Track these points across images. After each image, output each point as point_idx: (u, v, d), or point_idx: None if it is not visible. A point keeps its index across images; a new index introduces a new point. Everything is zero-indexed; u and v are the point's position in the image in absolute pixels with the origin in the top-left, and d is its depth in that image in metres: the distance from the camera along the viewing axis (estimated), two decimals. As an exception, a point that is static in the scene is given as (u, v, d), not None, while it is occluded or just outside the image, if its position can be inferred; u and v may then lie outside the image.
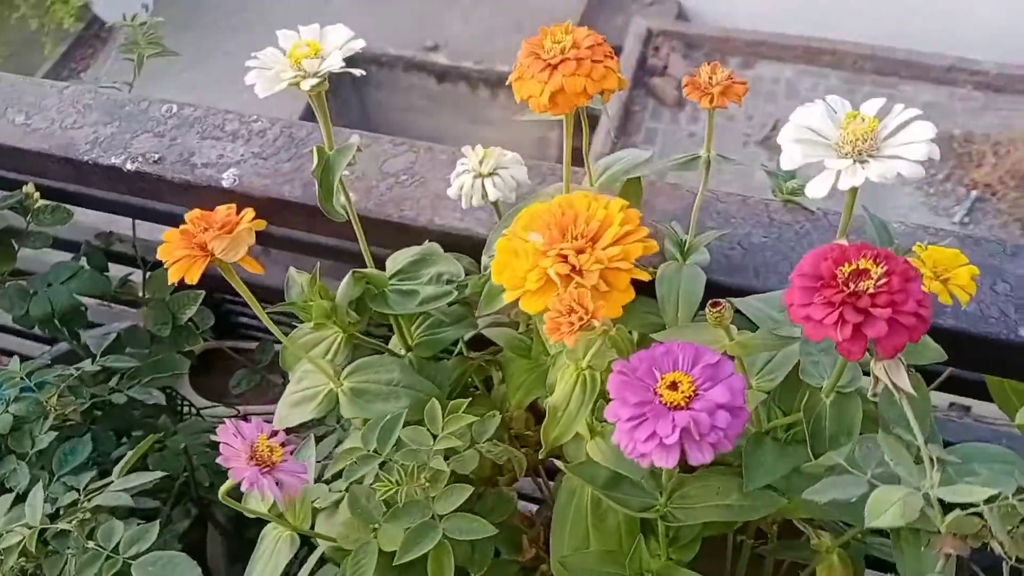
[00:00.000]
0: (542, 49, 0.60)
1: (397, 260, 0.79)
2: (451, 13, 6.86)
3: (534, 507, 0.99)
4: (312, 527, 0.75)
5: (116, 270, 1.31)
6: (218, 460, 0.59)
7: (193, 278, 0.63)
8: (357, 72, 0.63)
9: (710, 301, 0.59)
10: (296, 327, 0.85)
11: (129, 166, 1.00)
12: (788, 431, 0.67)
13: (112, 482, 0.81)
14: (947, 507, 0.51)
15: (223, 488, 0.63)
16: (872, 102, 0.58)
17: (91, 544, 0.71)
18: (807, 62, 6.67)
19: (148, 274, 1.25)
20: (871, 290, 0.49)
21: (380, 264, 0.84)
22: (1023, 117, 5.52)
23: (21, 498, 0.83)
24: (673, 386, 0.53)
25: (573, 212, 0.58)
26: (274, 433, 0.64)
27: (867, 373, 0.63)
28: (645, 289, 0.78)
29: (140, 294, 1.27)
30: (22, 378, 0.90)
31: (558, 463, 0.67)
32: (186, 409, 1.26)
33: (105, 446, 0.94)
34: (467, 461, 0.67)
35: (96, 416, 0.97)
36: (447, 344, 0.83)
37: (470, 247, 0.87)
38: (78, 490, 0.83)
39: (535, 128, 7.25)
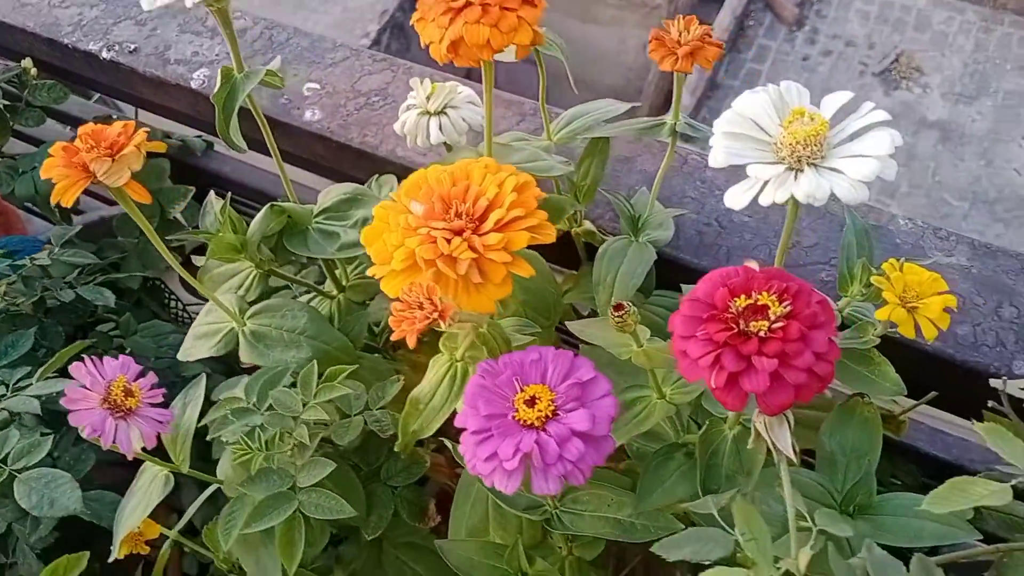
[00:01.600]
0: (448, -17, 0.50)
1: (329, 195, 0.72)
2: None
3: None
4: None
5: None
6: (62, 401, 0.55)
7: (68, 201, 0.58)
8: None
9: (613, 304, 0.51)
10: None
11: (105, 55, 0.95)
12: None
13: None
14: None
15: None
16: (837, 95, 0.47)
17: (-17, 452, 0.70)
18: (942, -9, 6.11)
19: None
20: (763, 333, 0.41)
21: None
22: None
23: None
24: (531, 402, 0.46)
25: (465, 184, 0.50)
26: (143, 373, 0.60)
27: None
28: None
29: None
30: (-28, 265, 0.89)
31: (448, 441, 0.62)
32: (172, 303, 1.25)
33: (52, 341, 0.93)
34: (350, 430, 0.62)
35: (49, 309, 0.95)
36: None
37: (431, 185, 0.80)
38: (7, 385, 0.82)
39: (646, 31, 6.94)
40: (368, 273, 0.50)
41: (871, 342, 0.60)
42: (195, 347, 0.70)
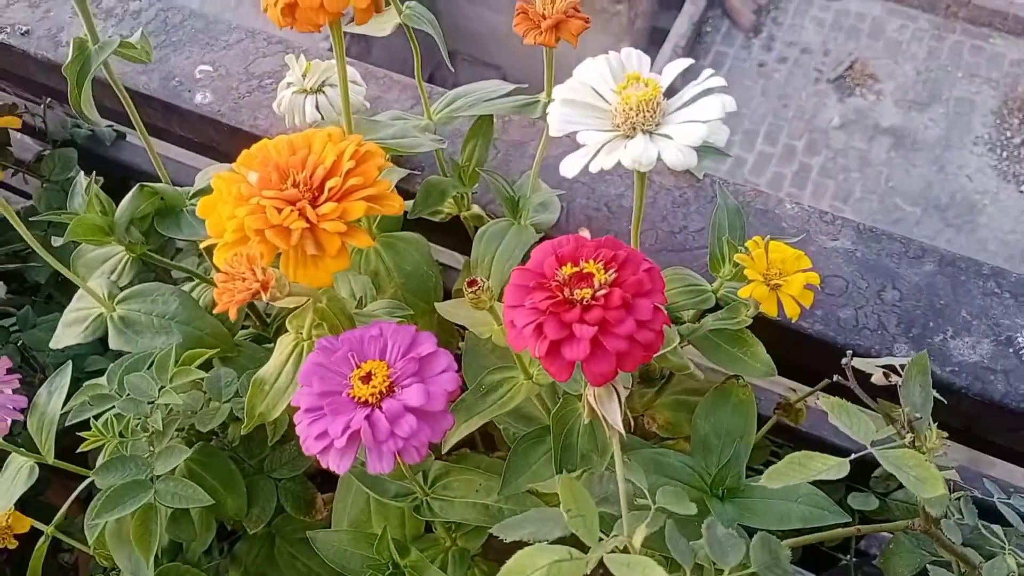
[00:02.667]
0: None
1: (204, 177, 0.70)
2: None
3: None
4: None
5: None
6: None
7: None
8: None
9: (467, 279, 0.49)
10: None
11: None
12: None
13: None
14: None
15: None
16: (677, 63, 0.46)
17: None
18: (898, 0, 6.22)
19: (50, 151, 1.18)
20: (586, 301, 0.40)
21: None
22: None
23: None
24: (367, 378, 0.45)
25: (305, 153, 0.48)
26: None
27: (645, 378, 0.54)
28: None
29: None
30: None
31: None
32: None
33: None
34: (216, 416, 0.60)
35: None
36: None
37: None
38: None
39: (608, 37, 6.95)
40: (200, 246, 0.48)
41: (743, 322, 0.59)
42: (64, 334, 0.67)
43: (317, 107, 0.67)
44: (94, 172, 0.70)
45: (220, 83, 0.85)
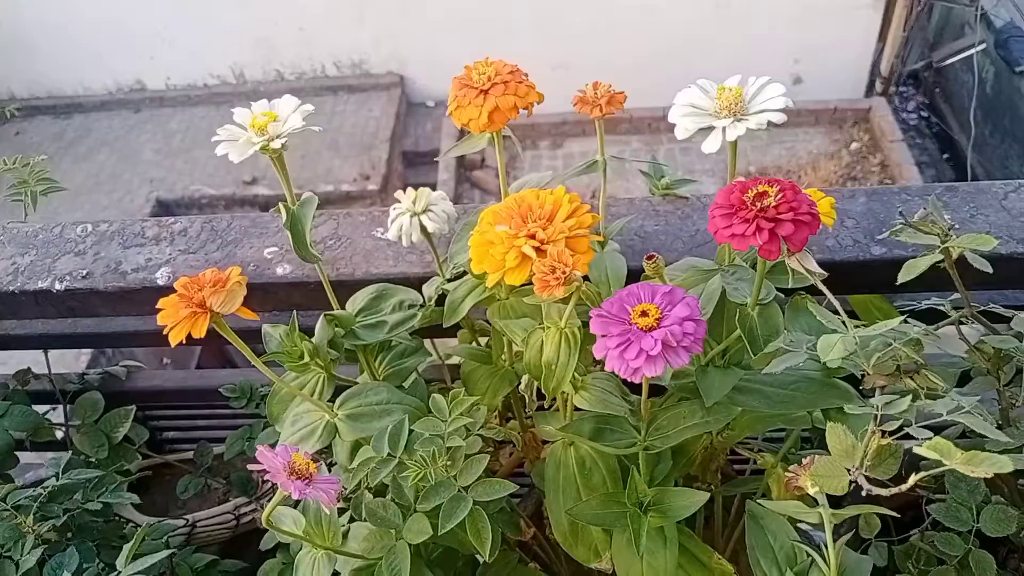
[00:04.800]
0: (471, 80, 0.73)
1: (356, 301, 0.87)
2: (266, 144, 6.94)
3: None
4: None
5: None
6: (265, 477, 0.65)
7: (200, 332, 0.69)
8: (316, 128, 0.74)
9: (646, 255, 0.72)
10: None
11: (58, 286, 1.03)
12: (723, 357, 0.80)
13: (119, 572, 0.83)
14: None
15: (266, 511, 0.69)
16: (734, 77, 0.74)
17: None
18: (608, 132, 7.20)
19: (73, 402, 1.25)
20: (773, 204, 0.65)
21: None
22: (803, 146, 6.23)
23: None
24: (644, 314, 0.66)
25: (527, 204, 0.70)
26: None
27: (780, 291, 0.78)
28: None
29: (59, 432, 1.27)
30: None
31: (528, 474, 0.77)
32: (131, 527, 1.25)
33: (86, 559, 0.94)
34: (470, 447, 0.76)
35: (69, 534, 0.97)
36: (411, 371, 0.92)
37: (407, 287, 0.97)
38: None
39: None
40: (488, 284, 0.68)
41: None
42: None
43: (430, 220, 0.88)
44: (295, 313, 0.85)
45: (291, 255, 1.02)
